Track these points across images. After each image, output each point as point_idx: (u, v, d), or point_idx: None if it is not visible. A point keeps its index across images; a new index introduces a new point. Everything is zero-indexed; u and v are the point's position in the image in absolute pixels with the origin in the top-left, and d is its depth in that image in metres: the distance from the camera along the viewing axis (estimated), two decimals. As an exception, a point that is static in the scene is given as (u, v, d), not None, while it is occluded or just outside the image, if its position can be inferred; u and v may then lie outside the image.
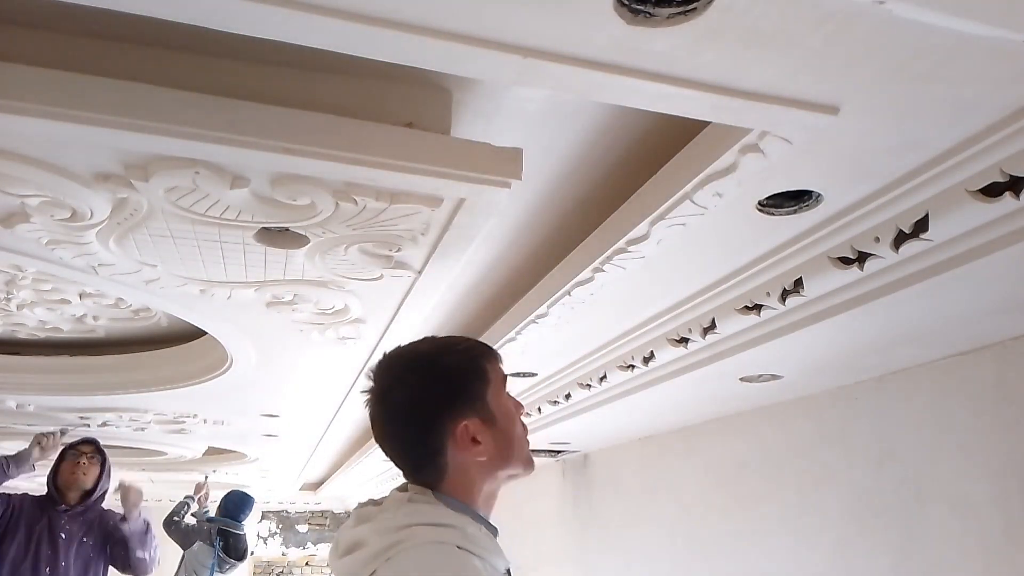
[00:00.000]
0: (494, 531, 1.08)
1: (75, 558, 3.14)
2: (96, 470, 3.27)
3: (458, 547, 0.98)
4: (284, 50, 0.95)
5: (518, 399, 1.18)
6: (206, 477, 5.43)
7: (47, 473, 3.27)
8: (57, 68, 1.01)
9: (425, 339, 1.19)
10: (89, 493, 3.25)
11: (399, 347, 1.14)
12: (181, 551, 4.95)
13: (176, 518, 4.98)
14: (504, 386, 1.15)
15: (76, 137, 1.06)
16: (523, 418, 1.18)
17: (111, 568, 3.34)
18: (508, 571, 1.08)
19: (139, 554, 3.29)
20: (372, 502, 1.12)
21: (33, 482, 3.64)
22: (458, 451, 1.07)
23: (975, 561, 1.70)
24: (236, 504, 5.09)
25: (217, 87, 1.08)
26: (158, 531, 4.81)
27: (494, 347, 1.22)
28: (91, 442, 3.33)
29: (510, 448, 1.11)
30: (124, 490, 3.35)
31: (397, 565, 0.97)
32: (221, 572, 4.81)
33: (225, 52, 1.12)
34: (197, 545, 4.84)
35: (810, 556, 2.23)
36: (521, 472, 1.14)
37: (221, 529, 4.88)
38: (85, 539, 3.20)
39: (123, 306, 2.52)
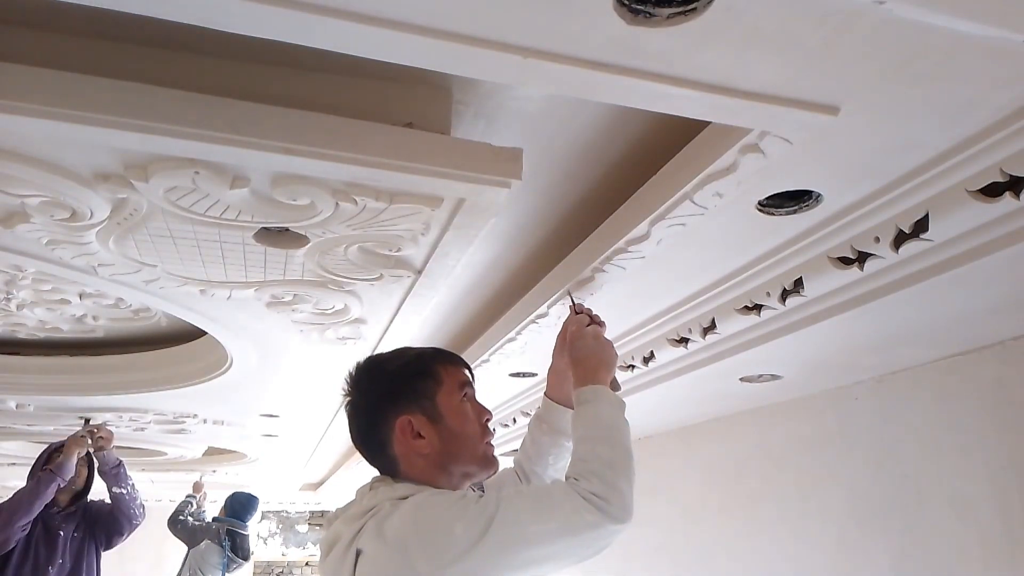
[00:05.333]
0: None
1: (70, 554, 3.24)
2: (85, 471, 3.38)
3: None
4: (284, 50, 0.94)
5: (491, 409, 1.29)
6: (201, 477, 5.43)
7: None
8: (57, 68, 1.01)
9: (393, 349, 1.34)
10: (80, 494, 3.38)
11: (366, 358, 1.30)
12: (186, 548, 4.95)
13: (181, 517, 5.00)
14: (460, 390, 1.25)
15: (76, 137, 1.06)
16: (489, 424, 1.28)
17: (111, 543, 3.43)
18: None
19: (115, 490, 3.34)
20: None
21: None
22: (399, 443, 1.18)
23: (975, 561, 1.70)
24: (243, 504, 5.11)
25: (217, 87, 1.08)
26: (162, 528, 4.80)
27: (461, 355, 1.33)
28: None
29: (457, 446, 1.20)
30: (93, 429, 3.37)
31: (387, 521, 1.07)
32: (229, 572, 4.83)
33: (225, 52, 1.12)
34: (205, 544, 4.84)
35: (810, 556, 2.23)
36: (476, 471, 1.24)
37: (229, 529, 4.89)
38: (76, 533, 3.31)
39: (123, 306, 2.52)
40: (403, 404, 1.20)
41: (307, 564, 10.31)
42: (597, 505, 1.03)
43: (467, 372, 1.30)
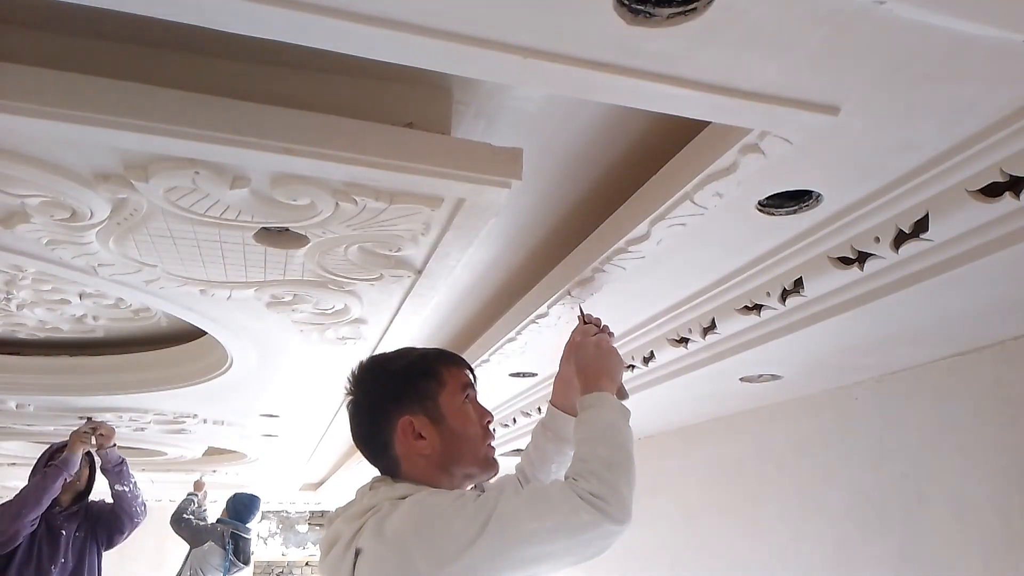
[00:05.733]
0: None
1: (72, 553, 3.27)
2: (86, 471, 3.40)
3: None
4: (284, 50, 0.94)
5: (491, 409, 1.30)
6: (201, 476, 5.42)
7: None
8: (57, 68, 1.01)
9: (396, 349, 1.34)
10: (82, 494, 3.41)
11: (369, 357, 1.30)
12: (187, 547, 4.94)
13: (185, 515, 4.99)
14: (462, 392, 1.25)
15: (76, 137, 1.06)
16: (490, 425, 1.28)
17: (113, 541, 3.45)
18: None
19: (118, 488, 3.35)
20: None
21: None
22: (401, 444, 1.19)
23: (975, 561, 1.70)
24: (245, 505, 5.07)
25: (217, 87, 1.08)
26: (163, 528, 4.79)
27: (463, 356, 1.34)
28: None
29: (459, 447, 1.21)
30: (96, 426, 3.35)
31: (387, 520, 1.07)
32: (229, 575, 4.81)
33: (225, 52, 1.12)
34: (208, 545, 4.82)
35: (810, 556, 2.23)
36: (477, 472, 1.25)
37: (233, 532, 4.88)
38: (78, 533, 3.34)
39: (123, 306, 2.52)
40: (405, 404, 1.21)
41: (307, 564, 10.30)
42: (595, 505, 1.03)
43: (469, 373, 1.30)
